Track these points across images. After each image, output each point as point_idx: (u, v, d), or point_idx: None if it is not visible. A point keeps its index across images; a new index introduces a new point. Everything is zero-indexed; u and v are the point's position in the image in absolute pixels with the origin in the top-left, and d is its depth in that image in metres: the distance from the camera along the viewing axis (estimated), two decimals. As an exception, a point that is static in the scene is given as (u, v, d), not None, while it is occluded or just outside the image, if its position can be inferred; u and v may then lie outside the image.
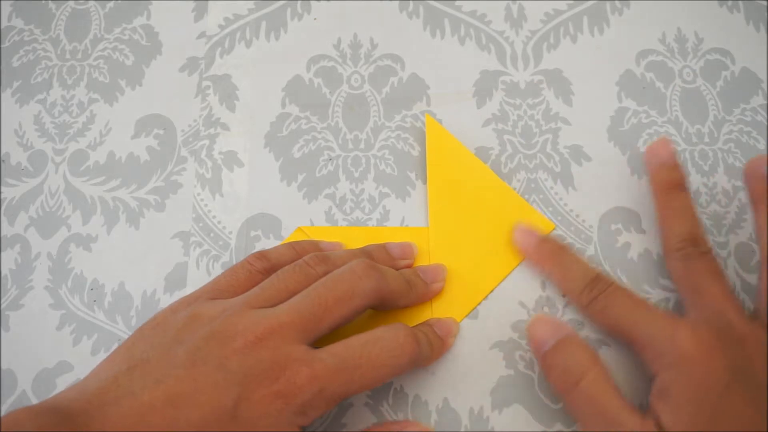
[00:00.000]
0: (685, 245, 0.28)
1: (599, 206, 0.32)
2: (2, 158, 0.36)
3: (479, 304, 0.30)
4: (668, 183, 0.30)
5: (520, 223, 0.31)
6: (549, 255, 0.30)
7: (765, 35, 0.37)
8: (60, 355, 0.31)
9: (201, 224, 0.33)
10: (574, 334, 0.27)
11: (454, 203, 0.32)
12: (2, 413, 0.29)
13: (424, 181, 0.33)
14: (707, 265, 0.27)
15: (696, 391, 0.23)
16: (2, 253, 0.33)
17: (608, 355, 0.29)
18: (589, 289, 0.28)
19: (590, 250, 0.31)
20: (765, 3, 0.38)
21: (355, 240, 0.31)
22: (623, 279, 0.31)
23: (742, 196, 0.33)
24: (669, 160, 0.30)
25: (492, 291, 0.31)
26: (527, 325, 0.28)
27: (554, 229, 0.32)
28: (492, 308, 0.30)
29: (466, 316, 0.30)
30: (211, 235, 0.33)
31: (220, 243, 0.33)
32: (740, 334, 0.25)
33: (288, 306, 0.25)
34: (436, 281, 0.30)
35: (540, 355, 0.27)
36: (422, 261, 0.31)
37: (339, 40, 0.37)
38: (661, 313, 0.26)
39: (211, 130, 0.35)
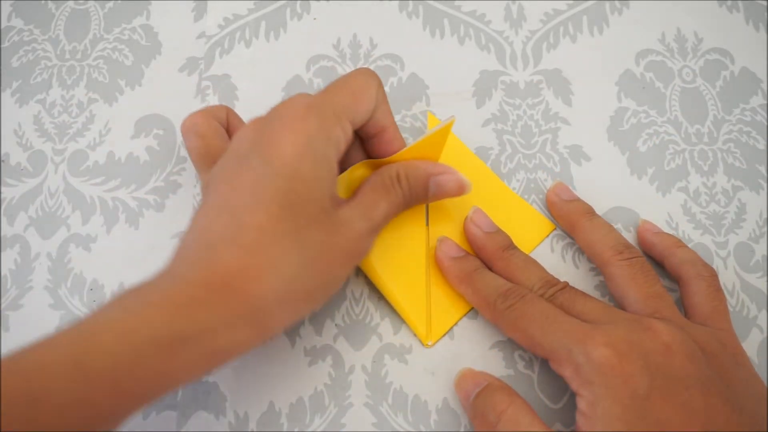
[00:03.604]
0: (623, 249, 0.28)
1: (599, 206, 0.32)
2: (2, 158, 0.36)
3: (479, 304, 0.30)
4: (582, 210, 0.31)
5: (443, 237, 0.31)
6: (466, 272, 0.29)
7: (765, 35, 0.37)
8: (60, 356, 0.31)
9: (201, 224, 0.33)
10: (494, 381, 0.27)
11: (454, 201, 0.32)
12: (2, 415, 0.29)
13: (424, 181, 0.33)
14: (645, 266, 0.28)
15: (619, 405, 0.22)
16: (2, 253, 0.33)
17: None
18: (502, 299, 0.27)
19: (590, 250, 0.31)
20: (765, 3, 0.38)
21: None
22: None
23: (742, 195, 0.33)
24: (572, 195, 0.32)
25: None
26: (454, 383, 0.28)
27: (554, 229, 0.32)
28: (492, 308, 0.30)
29: (465, 315, 0.30)
30: (211, 235, 0.33)
31: (220, 243, 0.33)
32: (649, 326, 0.24)
33: None
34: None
35: (467, 408, 0.27)
36: (421, 259, 0.31)
37: (338, 40, 0.37)
38: (576, 325, 0.25)
39: (211, 130, 0.35)
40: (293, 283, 0.23)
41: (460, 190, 0.29)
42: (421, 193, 0.29)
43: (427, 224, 0.32)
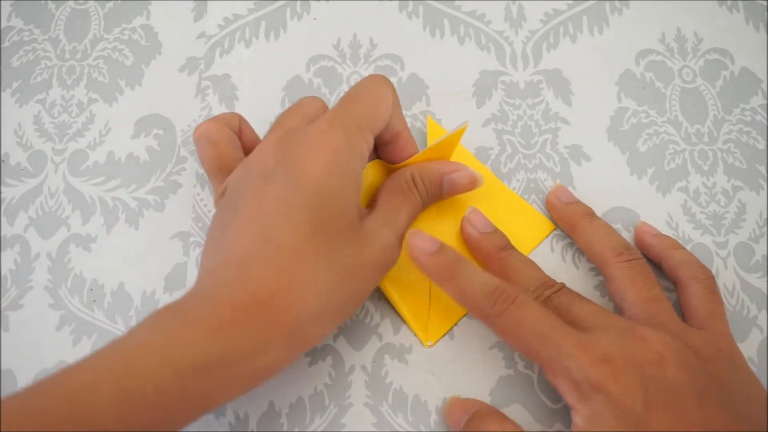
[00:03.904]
0: (623, 251, 0.28)
1: (599, 206, 0.32)
2: (2, 158, 0.36)
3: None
4: (583, 212, 0.31)
5: (415, 230, 0.28)
6: (445, 267, 0.27)
7: (765, 35, 0.37)
8: (60, 355, 0.31)
9: (201, 224, 0.33)
10: (483, 407, 0.27)
11: (454, 201, 0.32)
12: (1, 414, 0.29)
13: (424, 181, 0.33)
14: (645, 268, 0.28)
15: (616, 420, 0.22)
16: (2, 253, 0.33)
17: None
18: (490, 301, 0.25)
19: (590, 250, 0.31)
20: (765, 3, 0.38)
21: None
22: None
23: (742, 195, 0.33)
24: (572, 198, 0.32)
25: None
26: (443, 413, 0.28)
27: (554, 229, 0.32)
28: (492, 308, 0.30)
29: (465, 316, 0.30)
30: (211, 235, 0.33)
31: (220, 243, 0.33)
32: (641, 335, 0.24)
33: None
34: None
35: None
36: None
37: (338, 40, 0.37)
38: (572, 336, 0.25)
39: (211, 130, 0.35)
40: (327, 301, 0.24)
41: (473, 184, 0.30)
42: (437, 192, 0.29)
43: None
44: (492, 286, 0.26)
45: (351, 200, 0.25)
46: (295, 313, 0.23)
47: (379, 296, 0.31)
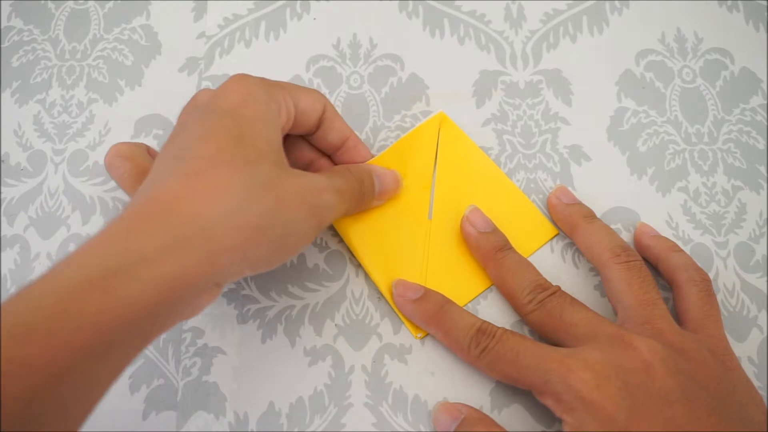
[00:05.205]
0: (620, 252, 0.28)
1: (599, 206, 0.32)
2: (2, 158, 0.36)
3: (478, 303, 0.30)
4: (583, 213, 0.31)
5: (398, 280, 0.30)
6: (430, 313, 0.28)
7: (765, 35, 0.37)
8: (59, 356, 0.31)
9: (200, 224, 0.33)
10: (471, 413, 0.27)
11: (458, 199, 0.32)
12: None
13: (424, 181, 0.33)
14: (642, 271, 0.28)
15: (602, 428, 0.23)
16: (2, 253, 0.33)
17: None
18: (475, 343, 0.27)
19: (590, 250, 0.31)
20: (765, 3, 0.38)
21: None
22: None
23: (742, 196, 0.33)
24: (574, 199, 0.32)
25: (491, 288, 0.31)
26: (431, 418, 0.28)
27: (557, 234, 0.32)
28: (491, 306, 0.30)
29: (466, 316, 0.30)
30: (211, 235, 0.33)
31: (220, 243, 0.33)
32: (629, 343, 0.24)
33: None
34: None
35: None
36: (421, 253, 0.31)
37: (338, 40, 0.37)
38: (550, 353, 0.25)
39: (211, 130, 0.35)
40: (239, 204, 0.22)
41: (397, 182, 0.31)
42: (369, 185, 0.29)
43: (431, 218, 0.32)
44: (475, 328, 0.27)
45: (272, 129, 0.25)
46: (204, 213, 0.22)
47: (379, 296, 0.31)
